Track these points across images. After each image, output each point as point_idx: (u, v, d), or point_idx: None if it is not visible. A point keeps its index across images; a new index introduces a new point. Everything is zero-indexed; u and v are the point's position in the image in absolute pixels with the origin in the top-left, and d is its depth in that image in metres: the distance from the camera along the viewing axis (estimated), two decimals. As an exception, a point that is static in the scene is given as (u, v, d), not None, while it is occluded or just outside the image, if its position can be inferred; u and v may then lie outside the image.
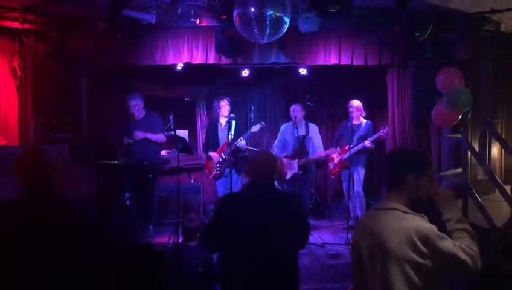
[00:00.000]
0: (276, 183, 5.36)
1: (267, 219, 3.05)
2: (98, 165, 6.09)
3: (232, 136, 6.26)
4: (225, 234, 3.08)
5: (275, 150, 6.89)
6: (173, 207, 6.38)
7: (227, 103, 6.48)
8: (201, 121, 8.34)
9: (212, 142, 6.62)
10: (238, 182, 6.61)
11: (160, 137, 6.35)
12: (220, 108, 6.51)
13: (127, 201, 6.20)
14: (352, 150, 6.39)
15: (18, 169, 2.70)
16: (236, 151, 6.33)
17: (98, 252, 2.82)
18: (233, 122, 6.38)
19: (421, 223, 2.16)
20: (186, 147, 6.12)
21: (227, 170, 6.31)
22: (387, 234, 2.16)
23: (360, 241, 2.31)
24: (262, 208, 3.09)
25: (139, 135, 6.25)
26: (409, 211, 2.22)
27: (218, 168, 6.50)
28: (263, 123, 6.52)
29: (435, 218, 2.29)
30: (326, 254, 5.74)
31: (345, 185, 6.86)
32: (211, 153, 6.56)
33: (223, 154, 6.45)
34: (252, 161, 3.43)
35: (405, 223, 2.15)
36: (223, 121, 6.54)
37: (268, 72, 7.14)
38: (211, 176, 6.72)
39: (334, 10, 4.06)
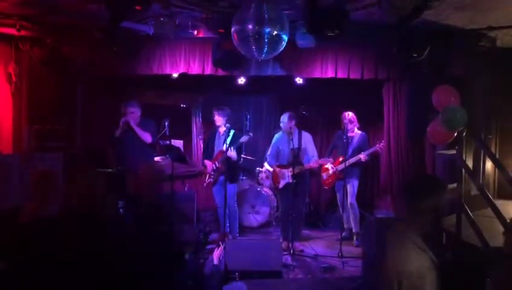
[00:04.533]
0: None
1: None
2: (91, 174, 6.05)
3: (227, 145, 6.29)
4: None
5: (268, 159, 6.90)
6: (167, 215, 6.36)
7: (217, 113, 6.52)
8: (196, 128, 8.33)
9: (210, 149, 6.73)
10: (234, 189, 6.67)
11: (146, 136, 6.25)
12: (213, 118, 6.59)
13: (120, 209, 6.18)
14: (347, 162, 6.41)
15: None
16: (228, 160, 6.36)
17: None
18: (232, 131, 6.45)
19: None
20: (180, 157, 6.11)
21: (222, 178, 6.35)
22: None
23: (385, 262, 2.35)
24: None
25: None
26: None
27: (212, 176, 6.60)
28: (251, 134, 6.53)
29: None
30: (319, 267, 5.75)
31: (339, 197, 6.86)
32: (206, 162, 6.69)
33: (216, 163, 6.50)
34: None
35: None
36: (221, 129, 6.59)
37: (264, 81, 7.14)
38: (205, 183, 6.80)
39: (332, 34, 4.06)
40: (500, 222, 4.62)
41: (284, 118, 6.40)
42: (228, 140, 6.36)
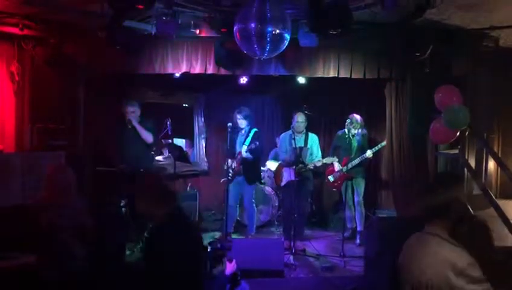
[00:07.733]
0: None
1: None
2: (94, 172, 6.07)
3: (247, 147, 6.45)
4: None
5: (279, 155, 6.92)
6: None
7: (241, 116, 6.61)
8: (198, 128, 8.32)
9: (230, 147, 6.74)
10: (252, 190, 6.76)
11: (148, 136, 6.27)
12: (236, 121, 6.67)
13: (122, 208, 6.19)
14: (354, 161, 6.46)
15: None
16: (245, 161, 6.50)
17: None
18: (253, 131, 6.58)
19: (458, 256, 2.15)
20: (183, 156, 6.12)
21: (240, 178, 6.54)
22: (426, 259, 2.19)
23: (403, 263, 2.33)
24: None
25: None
26: (450, 238, 2.21)
27: (230, 175, 6.65)
28: (257, 143, 6.52)
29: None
30: (321, 266, 5.75)
31: (344, 196, 6.84)
32: (229, 160, 6.70)
33: (235, 162, 6.60)
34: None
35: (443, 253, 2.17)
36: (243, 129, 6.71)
37: (266, 80, 7.14)
38: (221, 180, 6.93)
39: (335, 33, 4.06)
40: (503, 222, 4.63)
41: (302, 118, 6.39)
42: (248, 140, 6.50)
